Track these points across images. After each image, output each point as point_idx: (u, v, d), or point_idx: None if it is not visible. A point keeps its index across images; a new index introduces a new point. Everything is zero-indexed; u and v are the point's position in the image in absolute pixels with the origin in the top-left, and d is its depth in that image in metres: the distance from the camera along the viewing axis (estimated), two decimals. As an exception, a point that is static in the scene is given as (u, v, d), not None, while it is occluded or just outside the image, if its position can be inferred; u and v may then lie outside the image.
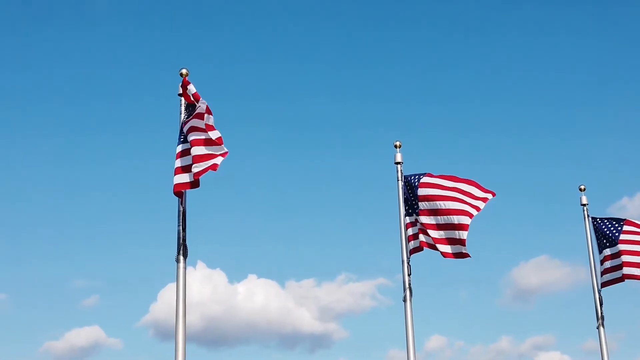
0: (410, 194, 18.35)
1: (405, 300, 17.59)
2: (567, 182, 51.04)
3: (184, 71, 15.11)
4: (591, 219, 22.40)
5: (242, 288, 49.52)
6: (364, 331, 50.61)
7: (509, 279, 53.98)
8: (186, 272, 13.87)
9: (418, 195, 18.13)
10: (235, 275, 54.35)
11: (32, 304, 48.86)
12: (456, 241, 17.74)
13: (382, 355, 49.92)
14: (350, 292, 52.15)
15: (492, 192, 18.01)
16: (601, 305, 21.56)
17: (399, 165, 18.90)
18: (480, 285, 52.44)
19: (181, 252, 13.87)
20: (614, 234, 21.71)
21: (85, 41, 57.76)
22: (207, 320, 47.22)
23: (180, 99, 14.98)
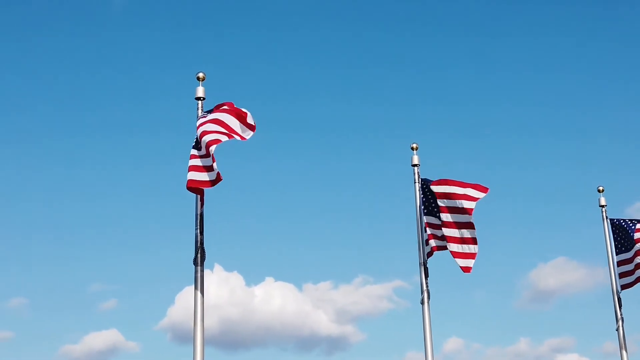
0: (429, 195, 18.26)
1: (422, 302, 17.55)
2: (585, 183, 50.82)
3: (200, 75, 15.18)
4: (610, 221, 22.29)
5: (259, 291, 49.62)
6: (381, 334, 50.58)
7: (527, 280, 53.79)
8: (204, 275, 13.89)
9: (436, 197, 18.04)
10: (253, 278, 54.42)
11: (51, 307, 49.14)
12: (468, 255, 17.65)
13: (399, 358, 49.87)
14: (367, 295, 52.13)
15: (486, 189, 17.80)
16: (620, 307, 21.45)
17: (415, 168, 18.86)
18: (498, 287, 52.26)
19: (199, 255, 13.88)
20: (631, 235, 21.60)
21: (100, 43, 58.03)
22: (224, 324, 47.32)
23: (197, 102, 15.01)
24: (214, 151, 13.41)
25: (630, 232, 21.58)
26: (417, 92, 59.06)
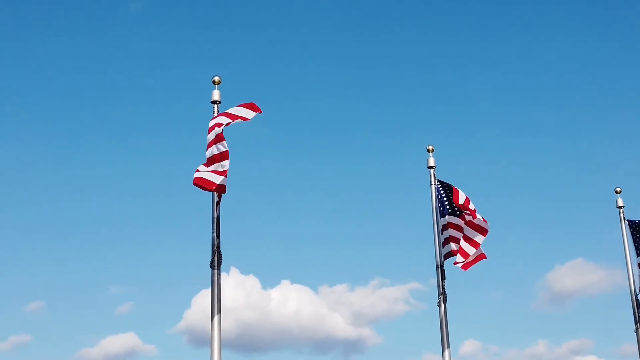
0: (445, 199, 18.23)
1: (439, 304, 17.52)
2: (603, 184, 50.55)
3: (216, 79, 15.23)
4: (627, 222, 22.18)
5: (275, 294, 49.64)
6: (398, 336, 50.47)
7: (544, 282, 53.53)
8: (220, 278, 13.92)
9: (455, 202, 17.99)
10: (269, 281, 54.50)
11: (68, 311, 49.37)
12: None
13: (416, 360, 49.73)
14: (383, 297, 52.04)
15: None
16: (639, 309, 21.32)
17: (431, 170, 18.86)
18: (515, 289, 52.06)
19: (215, 258, 13.91)
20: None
21: (116, 47, 58.31)
22: (240, 326, 47.37)
23: (213, 106, 15.06)
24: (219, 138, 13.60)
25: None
26: (434, 94, 58.99)
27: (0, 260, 50.67)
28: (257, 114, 14.49)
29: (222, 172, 13.74)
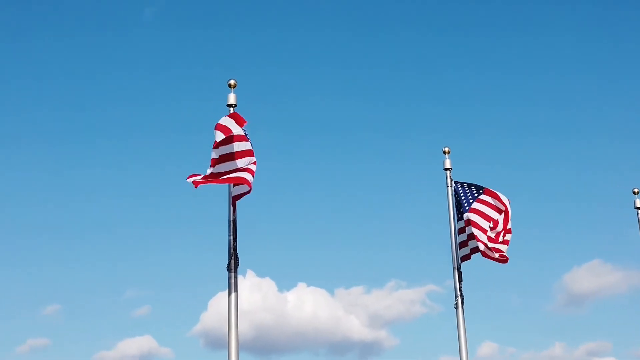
0: (463, 200, 18.15)
1: (457, 307, 17.47)
2: (620, 185, 50.28)
3: (232, 82, 15.25)
4: (646, 223, 22.01)
5: (291, 296, 49.65)
6: (415, 338, 50.35)
7: (561, 284, 53.27)
8: (237, 281, 13.92)
9: (472, 207, 17.90)
10: (285, 284, 54.53)
11: (85, 314, 49.55)
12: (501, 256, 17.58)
13: (433, 363, 49.60)
14: (399, 299, 51.95)
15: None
16: (657, 310, 21.22)
17: (448, 172, 18.84)
18: (532, 291, 51.83)
19: (232, 261, 13.91)
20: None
21: (131, 51, 58.55)
22: (257, 329, 47.41)
23: (229, 109, 15.08)
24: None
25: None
26: (450, 95, 58.85)
27: (18, 264, 51.02)
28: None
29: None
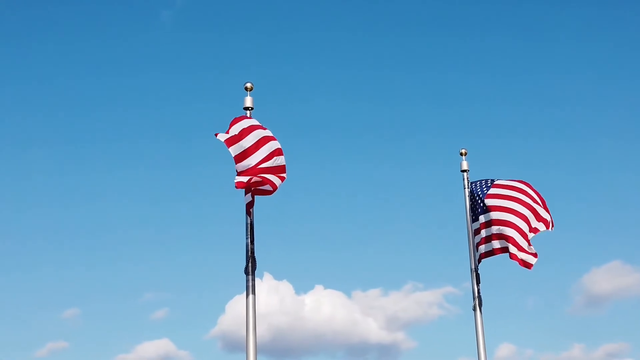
0: (478, 200, 18.15)
1: (475, 309, 17.42)
2: (638, 185, 49.96)
3: (248, 85, 15.28)
4: (665, 223, 21.95)
5: (308, 299, 49.66)
6: (432, 340, 50.21)
7: (580, 285, 52.96)
8: (255, 284, 13.94)
9: (486, 205, 17.89)
10: (302, 287, 54.45)
11: (103, 317, 49.74)
12: (522, 248, 17.42)
13: (451, 365, 49.46)
14: (417, 301, 51.83)
15: (551, 223, 17.72)
16: (677, 312, 21.08)
17: (465, 173, 18.80)
18: (551, 292, 51.55)
19: (250, 264, 13.92)
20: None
21: (149, 54, 58.77)
22: (274, 332, 47.45)
23: (246, 112, 15.11)
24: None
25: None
26: (467, 95, 58.67)
27: (36, 268, 51.30)
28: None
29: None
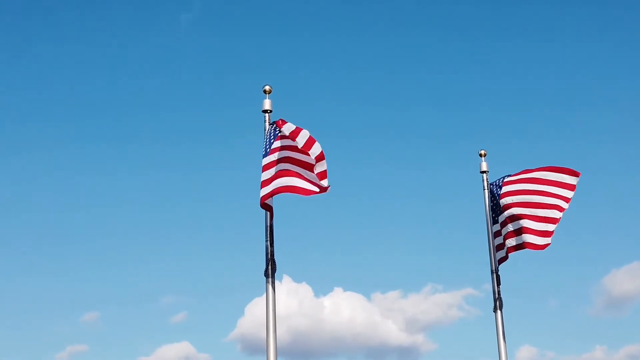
0: (497, 202, 18.09)
1: (495, 310, 17.34)
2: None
3: (267, 88, 15.30)
4: (687, 223, 21.78)
5: (328, 302, 49.66)
6: (452, 343, 50.08)
7: (601, 286, 52.66)
8: (275, 286, 13.93)
9: (502, 205, 17.88)
10: (321, 289, 54.44)
11: (123, 320, 49.96)
12: (543, 233, 17.30)
13: (471, 367, 49.25)
14: (436, 303, 51.72)
15: (578, 173, 17.50)
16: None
17: (484, 174, 18.72)
18: (571, 294, 51.30)
19: (269, 267, 13.93)
20: None
21: (169, 55, 59.01)
22: (293, 334, 47.48)
23: (264, 115, 15.12)
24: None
25: None
26: (486, 97, 58.47)
27: (56, 272, 51.60)
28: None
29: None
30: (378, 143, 57.96)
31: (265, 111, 15.15)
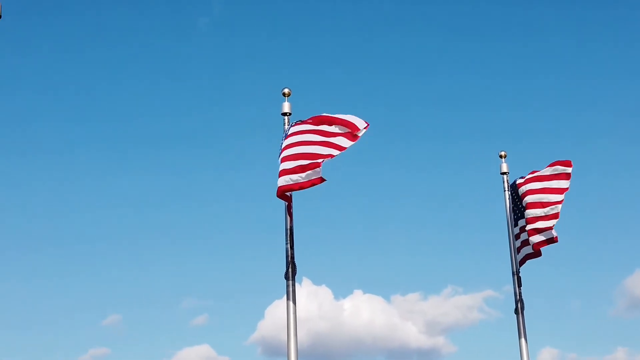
0: (518, 204, 18.04)
1: (517, 312, 17.27)
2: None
3: (286, 91, 15.32)
4: None
5: (347, 304, 49.60)
6: (473, 345, 49.83)
7: (623, 287, 52.24)
8: (295, 289, 13.96)
9: (522, 205, 17.87)
10: (341, 291, 54.40)
11: (144, 323, 50.16)
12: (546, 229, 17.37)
13: (492, 369, 49.05)
14: (456, 305, 51.51)
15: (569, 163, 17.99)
16: None
17: (504, 176, 18.67)
18: (593, 295, 50.92)
19: (290, 270, 13.94)
20: None
21: (187, 59, 59.22)
22: (313, 337, 47.44)
23: (284, 118, 15.14)
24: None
25: None
26: (505, 98, 58.21)
27: (78, 275, 51.87)
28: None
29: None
30: (398, 145, 57.87)
31: (285, 114, 15.18)
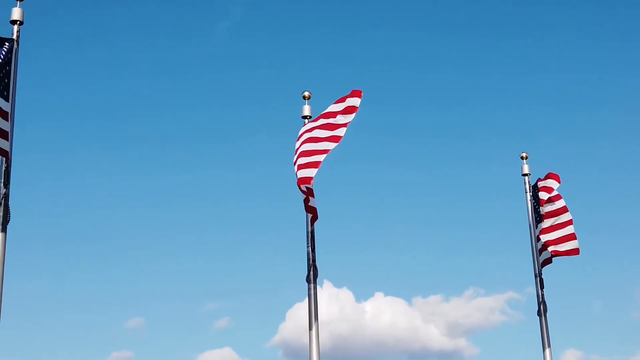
0: (537, 206, 18.02)
1: (540, 314, 17.20)
2: None
3: (306, 94, 15.36)
4: None
5: (369, 306, 49.53)
6: (495, 347, 49.58)
7: (646, 289, 51.86)
8: (317, 292, 13.98)
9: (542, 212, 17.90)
10: (362, 294, 54.31)
11: (167, 326, 50.33)
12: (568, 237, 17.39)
13: (515, 371, 48.82)
14: (478, 307, 51.29)
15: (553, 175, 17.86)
16: None
17: (526, 177, 18.64)
18: (616, 297, 50.57)
19: (311, 272, 13.97)
20: None
21: (206, 63, 59.41)
22: (335, 339, 47.40)
23: (304, 121, 15.17)
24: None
25: None
26: (527, 99, 57.95)
27: (101, 278, 52.15)
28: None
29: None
30: (419, 146, 57.75)
31: (305, 117, 15.20)
